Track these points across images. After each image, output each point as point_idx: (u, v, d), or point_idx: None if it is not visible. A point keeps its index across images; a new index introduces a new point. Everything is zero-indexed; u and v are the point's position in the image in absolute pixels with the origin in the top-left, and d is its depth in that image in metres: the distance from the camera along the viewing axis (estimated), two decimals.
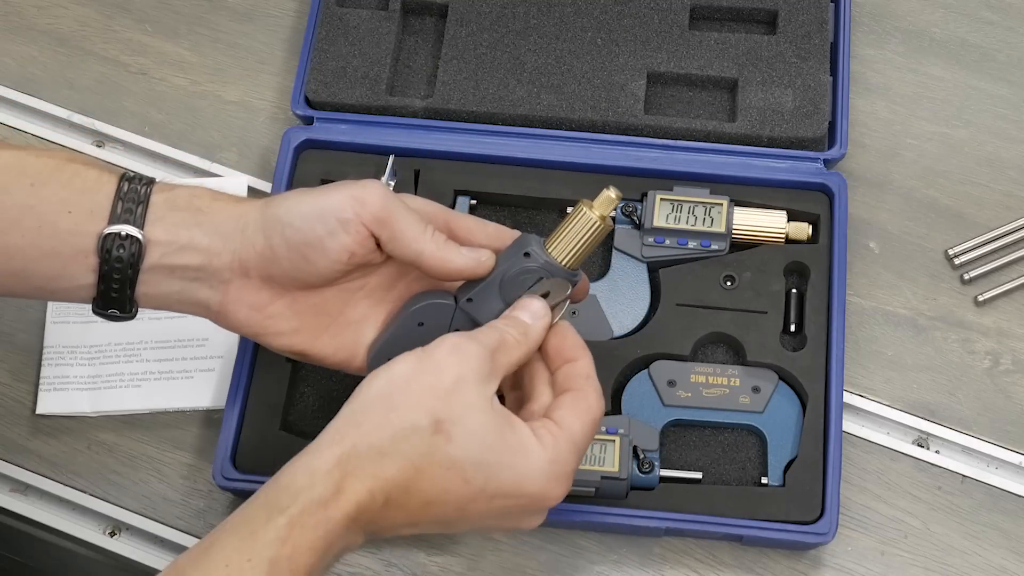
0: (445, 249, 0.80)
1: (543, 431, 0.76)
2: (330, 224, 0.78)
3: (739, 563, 0.91)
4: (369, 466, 0.72)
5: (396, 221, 0.79)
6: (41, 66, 1.09)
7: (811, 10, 1.04)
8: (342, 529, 0.72)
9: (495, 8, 1.05)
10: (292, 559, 0.70)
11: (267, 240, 0.79)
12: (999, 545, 0.92)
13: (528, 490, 0.75)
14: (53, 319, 0.98)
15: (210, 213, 0.80)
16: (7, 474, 0.95)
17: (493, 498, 0.74)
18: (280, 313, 0.82)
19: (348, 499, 0.71)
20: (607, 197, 0.81)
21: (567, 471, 0.76)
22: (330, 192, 0.80)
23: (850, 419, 0.95)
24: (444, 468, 0.73)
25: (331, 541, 0.71)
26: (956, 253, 1.00)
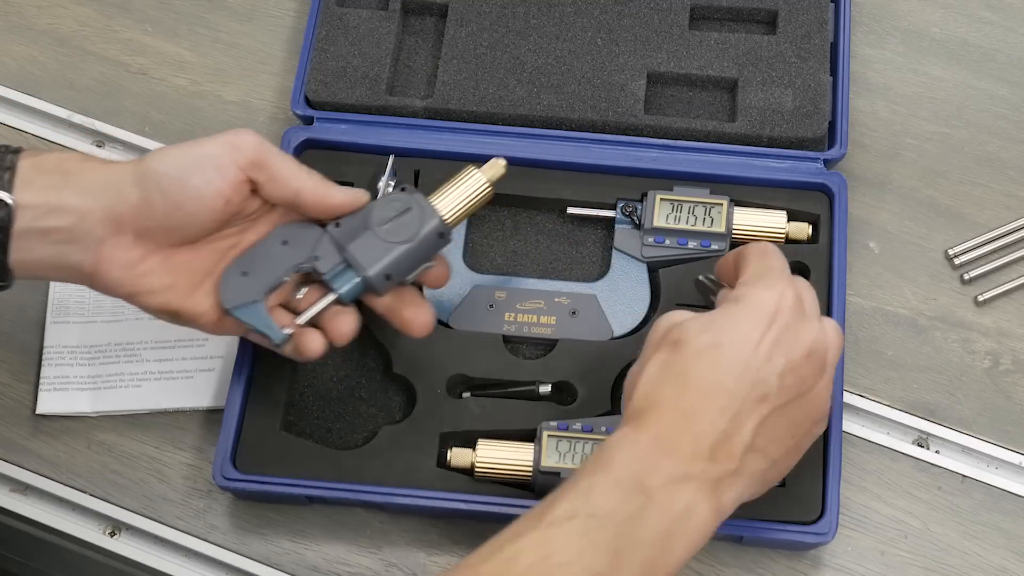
0: (324, 185, 0.84)
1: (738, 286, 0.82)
2: (207, 171, 0.81)
3: (739, 563, 0.91)
4: (645, 405, 0.77)
5: (272, 162, 0.83)
6: (41, 66, 1.09)
7: (811, 10, 1.04)
8: (672, 465, 0.74)
9: (495, 8, 1.05)
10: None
11: (143, 193, 0.81)
12: (999, 545, 0.92)
13: (763, 307, 0.78)
14: (53, 319, 0.98)
15: (80, 174, 0.81)
16: (7, 474, 0.95)
17: (749, 333, 0.77)
18: (152, 271, 0.83)
19: (656, 434, 0.76)
20: (497, 163, 0.87)
21: (776, 287, 0.79)
22: (205, 141, 0.82)
23: (850, 419, 0.95)
24: (696, 355, 0.77)
25: (666, 472, 0.74)
26: (956, 253, 1.00)
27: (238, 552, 0.92)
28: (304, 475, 0.90)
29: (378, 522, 0.92)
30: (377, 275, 0.84)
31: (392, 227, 0.85)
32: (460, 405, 0.92)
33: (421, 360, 0.94)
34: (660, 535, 0.73)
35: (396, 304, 0.87)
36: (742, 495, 0.78)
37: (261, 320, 0.84)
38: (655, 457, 0.74)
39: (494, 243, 1.00)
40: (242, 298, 0.84)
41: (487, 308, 0.96)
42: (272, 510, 0.93)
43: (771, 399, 0.77)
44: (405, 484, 0.89)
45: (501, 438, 0.91)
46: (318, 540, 0.92)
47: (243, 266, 0.85)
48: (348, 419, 0.95)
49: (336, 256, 0.85)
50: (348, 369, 0.95)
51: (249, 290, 0.84)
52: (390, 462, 0.90)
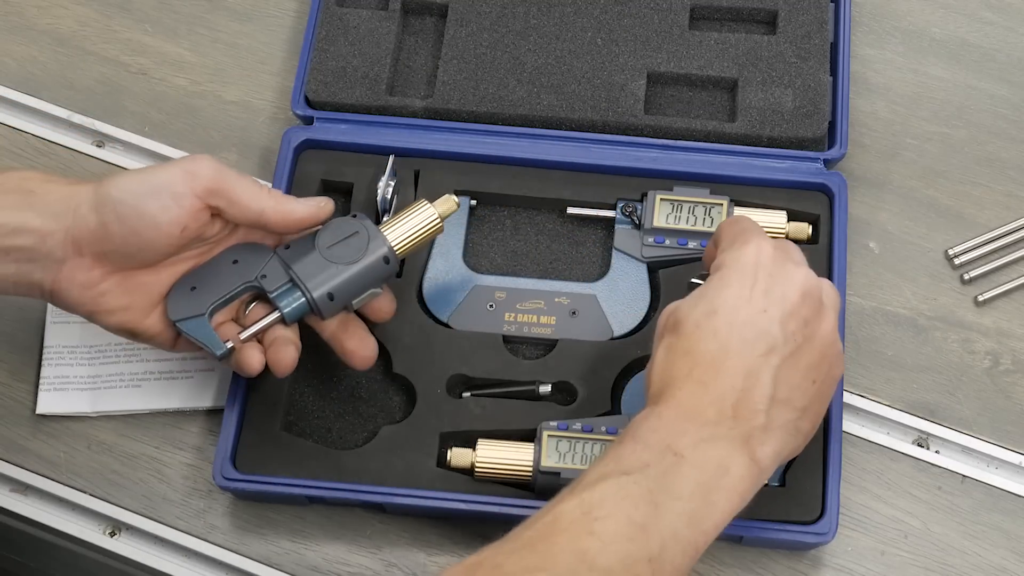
0: (285, 202, 0.85)
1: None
2: (163, 199, 0.82)
3: (739, 563, 0.91)
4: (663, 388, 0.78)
5: (231, 187, 0.83)
6: (41, 66, 1.09)
7: (811, 10, 1.04)
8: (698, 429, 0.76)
9: (495, 8, 1.05)
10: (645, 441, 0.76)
11: (100, 218, 0.81)
12: (999, 545, 0.92)
13: (738, 261, 0.80)
14: (53, 319, 0.98)
15: (41, 194, 0.82)
16: (7, 474, 0.95)
17: (738, 293, 0.79)
18: (111, 291, 0.84)
19: (677, 405, 0.77)
20: (449, 199, 0.88)
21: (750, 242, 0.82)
22: (161, 169, 0.83)
23: (850, 419, 0.95)
24: (695, 328, 0.78)
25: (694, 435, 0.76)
26: (956, 253, 1.00)
27: (238, 552, 0.92)
28: (304, 475, 0.90)
29: (378, 522, 0.92)
30: (320, 295, 0.85)
31: (338, 249, 0.86)
32: (460, 405, 0.92)
33: (421, 360, 0.94)
34: (698, 489, 0.75)
35: (340, 333, 0.89)
36: (779, 450, 0.79)
37: (204, 333, 0.85)
38: (681, 424, 0.76)
39: (494, 243, 1.00)
40: (187, 311, 0.85)
41: (487, 308, 0.96)
42: (272, 510, 0.93)
43: (779, 348, 0.78)
44: (405, 484, 0.89)
45: (501, 438, 0.91)
46: (318, 540, 0.92)
47: (192, 281, 0.86)
48: (348, 419, 0.95)
49: (283, 275, 0.86)
50: (348, 369, 0.95)
51: (195, 304, 0.85)
52: (390, 462, 0.90)
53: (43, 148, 1.06)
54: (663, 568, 0.73)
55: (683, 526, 0.74)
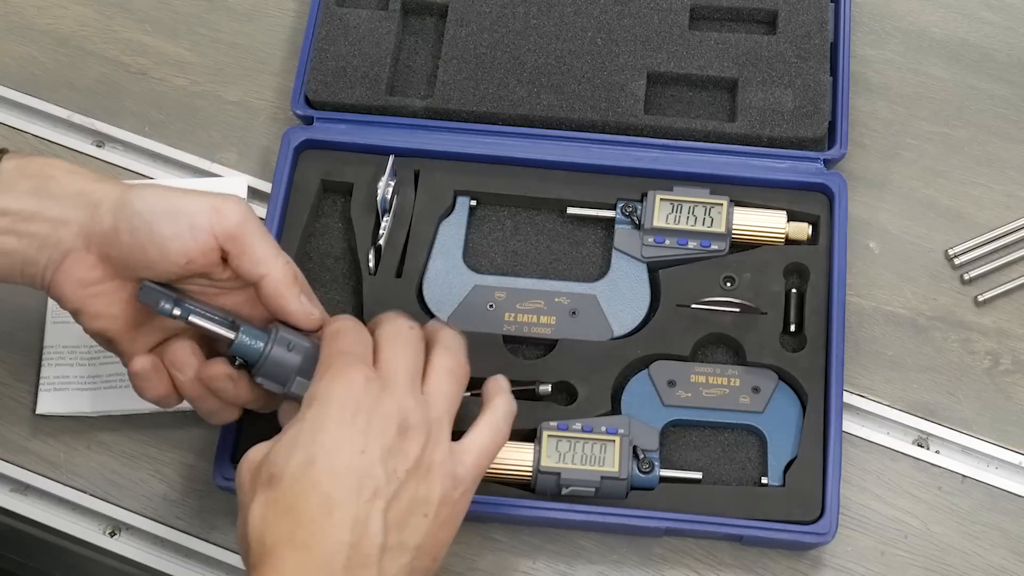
0: (286, 285, 0.81)
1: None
2: (179, 226, 0.79)
3: (739, 563, 0.91)
4: (264, 554, 0.72)
5: (249, 238, 0.80)
6: (41, 66, 1.09)
7: (811, 10, 1.04)
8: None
9: (495, 8, 1.05)
10: None
11: (115, 222, 0.80)
12: (999, 545, 0.92)
13: (328, 398, 0.75)
14: (53, 319, 0.98)
15: (63, 182, 0.81)
16: (7, 474, 0.95)
17: (335, 435, 0.74)
18: (104, 294, 0.82)
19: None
20: None
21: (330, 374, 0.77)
22: (191, 196, 0.80)
23: (850, 419, 0.95)
24: (293, 482, 0.73)
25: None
26: (956, 253, 1.00)
27: (238, 552, 0.92)
28: None
29: None
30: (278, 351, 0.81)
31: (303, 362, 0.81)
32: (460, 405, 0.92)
33: None
34: None
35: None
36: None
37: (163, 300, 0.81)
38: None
39: (494, 243, 1.00)
40: (161, 291, 0.81)
41: (487, 308, 0.96)
42: None
43: (383, 490, 0.74)
44: None
45: None
46: None
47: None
48: None
49: (260, 331, 0.82)
50: None
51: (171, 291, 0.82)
52: None
53: (43, 148, 1.06)
54: None
55: None
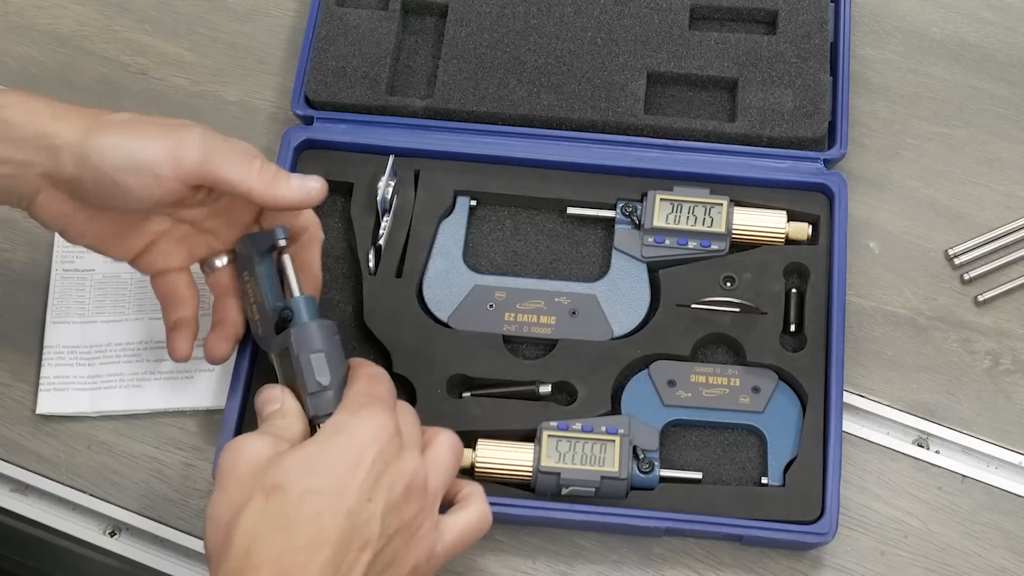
0: (274, 184, 0.82)
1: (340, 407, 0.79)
2: (142, 176, 0.80)
3: (739, 563, 0.91)
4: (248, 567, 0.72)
5: (217, 170, 0.81)
6: (41, 66, 1.09)
7: (811, 10, 1.04)
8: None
9: (495, 8, 1.05)
10: None
11: (77, 172, 0.80)
12: (999, 545, 0.92)
13: (357, 439, 0.75)
14: (53, 319, 0.98)
15: (20, 125, 0.80)
16: (7, 474, 0.95)
17: (352, 475, 0.74)
18: (83, 219, 0.83)
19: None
20: None
21: (370, 409, 0.77)
22: (150, 143, 0.80)
23: (850, 419, 0.95)
24: (299, 504, 0.73)
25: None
26: (956, 253, 1.00)
27: None
28: None
29: None
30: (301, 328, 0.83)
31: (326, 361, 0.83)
32: (460, 405, 0.92)
33: (421, 360, 0.94)
34: None
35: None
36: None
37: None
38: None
39: (494, 243, 1.00)
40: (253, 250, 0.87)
41: (487, 308, 0.96)
42: None
43: (373, 544, 0.73)
44: None
45: (501, 438, 0.91)
46: None
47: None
48: None
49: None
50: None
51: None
52: None
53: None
54: None
55: None
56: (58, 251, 1.00)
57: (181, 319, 0.89)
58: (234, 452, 0.76)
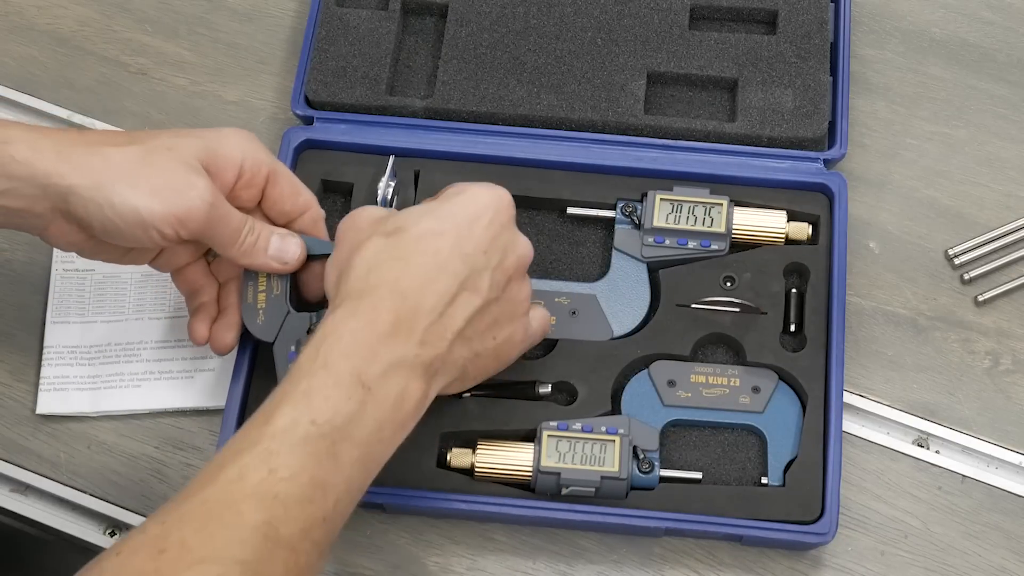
0: (251, 256, 0.87)
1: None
2: (150, 233, 0.83)
3: (739, 563, 0.91)
4: (365, 285, 0.78)
5: (213, 236, 0.86)
6: (41, 66, 1.09)
7: (811, 10, 1.04)
8: (375, 334, 0.76)
9: (495, 8, 1.05)
10: (327, 365, 0.75)
11: (86, 215, 0.82)
12: (999, 545, 0.92)
13: (480, 200, 0.82)
14: (53, 319, 0.98)
15: (27, 164, 0.81)
16: (7, 474, 0.95)
17: (471, 227, 0.80)
18: (93, 247, 0.87)
19: (364, 309, 0.77)
20: None
21: (495, 187, 0.84)
22: (155, 202, 0.82)
23: (850, 419, 0.95)
24: (418, 240, 0.79)
25: (367, 346, 0.76)
26: (956, 253, 1.00)
27: None
28: None
29: (378, 522, 0.92)
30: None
31: None
32: (460, 405, 0.92)
33: None
34: (376, 429, 0.76)
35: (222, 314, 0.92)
36: (447, 385, 0.82)
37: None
38: (373, 346, 0.76)
39: None
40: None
41: None
42: None
43: (482, 292, 0.80)
44: (405, 484, 0.89)
45: (501, 438, 0.91)
46: None
47: None
48: None
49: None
50: None
51: None
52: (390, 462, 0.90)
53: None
54: (335, 523, 0.74)
55: (357, 473, 0.75)
56: (58, 251, 1.00)
57: (203, 304, 0.92)
58: (354, 213, 0.83)
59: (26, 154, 0.81)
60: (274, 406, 0.74)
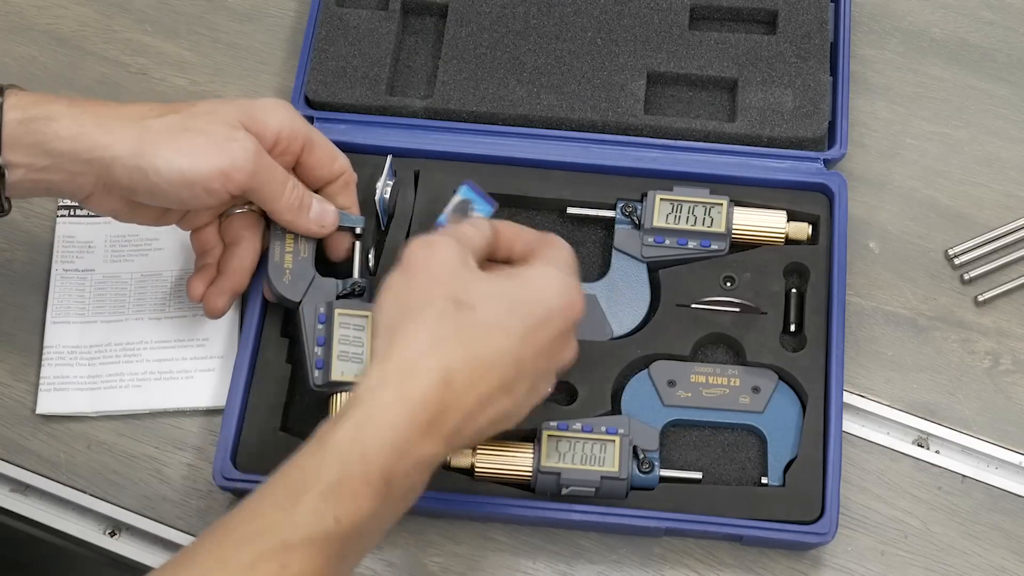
0: (295, 213, 0.89)
1: (534, 260, 0.82)
2: (196, 191, 0.85)
3: (739, 563, 0.91)
4: (421, 362, 0.75)
5: (260, 189, 0.87)
6: (41, 66, 1.09)
7: (811, 10, 1.04)
8: (415, 430, 0.74)
9: (495, 8, 1.05)
10: (364, 457, 0.73)
11: (130, 183, 0.84)
12: (999, 545, 0.92)
13: (555, 305, 0.79)
14: (53, 319, 0.98)
15: (70, 140, 0.83)
16: (7, 474, 0.95)
17: (536, 332, 0.78)
18: (130, 211, 0.89)
19: (412, 396, 0.74)
20: None
21: (572, 281, 0.81)
22: (199, 159, 0.84)
23: (850, 419, 0.95)
24: (485, 331, 0.77)
25: (405, 443, 0.74)
26: (956, 253, 1.00)
27: None
28: None
29: None
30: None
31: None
32: None
33: None
34: (384, 524, 0.75)
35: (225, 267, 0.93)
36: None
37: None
38: (408, 442, 0.74)
39: None
40: None
41: None
42: None
43: (517, 397, 0.79)
44: None
45: (501, 438, 0.91)
46: None
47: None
48: None
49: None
50: None
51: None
52: None
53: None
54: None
55: (354, 563, 0.75)
56: (58, 251, 1.00)
57: (206, 264, 0.93)
58: (427, 248, 0.79)
59: (71, 130, 0.83)
60: (305, 486, 0.72)
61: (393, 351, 0.76)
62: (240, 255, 0.92)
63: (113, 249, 1.00)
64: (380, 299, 0.79)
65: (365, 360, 0.89)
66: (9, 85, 0.84)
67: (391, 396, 0.74)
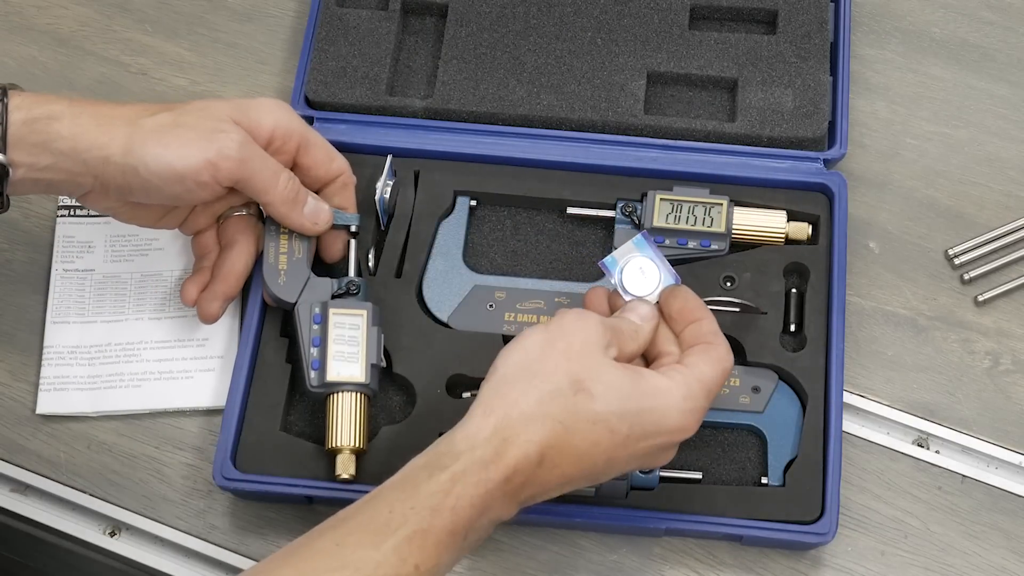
0: (290, 206, 0.90)
1: (673, 372, 0.80)
2: (188, 184, 0.86)
3: (739, 563, 0.91)
4: (522, 431, 0.75)
5: (251, 179, 0.88)
6: (41, 66, 1.09)
7: (811, 10, 1.04)
8: (499, 492, 0.75)
9: (495, 8, 1.05)
10: (455, 510, 0.73)
11: (124, 180, 0.86)
12: (999, 545, 0.92)
13: (667, 426, 0.78)
14: (53, 319, 0.98)
15: (71, 139, 0.85)
16: (7, 474, 0.95)
17: (638, 441, 0.78)
18: (129, 210, 0.90)
19: (507, 462, 0.75)
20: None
21: (699, 406, 0.80)
22: (186, 151, 0.85)
23: (850, 419, 0.95)
24: (591, 423, 0.76)
25: (489, 502, 0.75)
26: (956, 253, 1.00)
27: (238, 552, 0.92)
28: (304, 475, 0.90)
29: None
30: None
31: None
32: (460, 405, 0.92)
33: (421, 360, 0.94)
34: (449, 568, 0.76)
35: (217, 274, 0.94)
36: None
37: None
38: (493, 502, 0.75)
39: (494, 243, 1.00)
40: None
41: (487, 308, 0.96)
42: (272, 510, 0.93)
43: (590, 481, 0.80)
44: None
45: None
46: None
47: None
48: None
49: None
50: None
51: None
52: (390, 462, 0.90)
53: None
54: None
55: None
56: (58, 251, 1.00)
57: (202, 268, 0.94)
58: (580, 321, 0.79)
59: (71, 129, 0.85)
60: (392, 527, 0.73)
61: (498, 406, 0.76)
62: (233, 259, 0.92)
63: (113, 249, 1.00)
64: (510, 347, 0.79)
65: (360, 359, 0.89)
66: (10, 85, 0.85)
67: (489, 456, 0.75)
